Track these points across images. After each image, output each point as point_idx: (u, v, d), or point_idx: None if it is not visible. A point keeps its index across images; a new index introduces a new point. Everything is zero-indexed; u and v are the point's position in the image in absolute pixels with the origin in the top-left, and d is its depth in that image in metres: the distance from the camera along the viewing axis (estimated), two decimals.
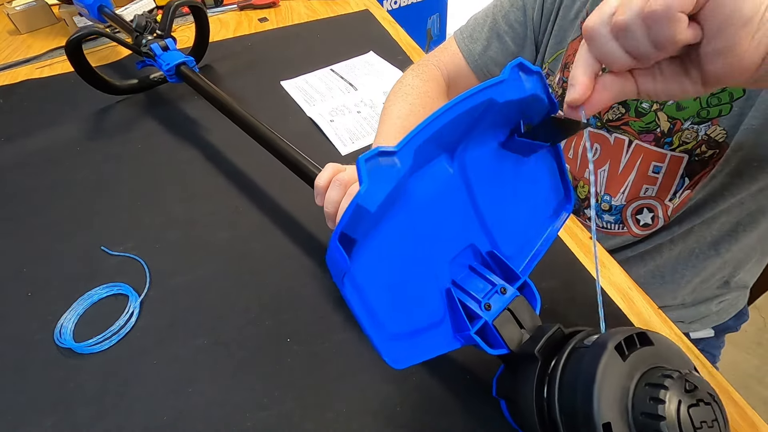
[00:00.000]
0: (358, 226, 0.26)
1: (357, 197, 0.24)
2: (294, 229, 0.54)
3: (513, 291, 0.33)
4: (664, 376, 0.24)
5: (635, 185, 0.58)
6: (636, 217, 0.60)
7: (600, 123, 0.58)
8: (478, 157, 0.34)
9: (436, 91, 0.61)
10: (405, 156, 0.26)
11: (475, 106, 0.28)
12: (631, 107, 0.54)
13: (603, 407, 0.24)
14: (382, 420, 0.37)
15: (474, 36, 0.64)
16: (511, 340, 0.32)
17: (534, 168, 0.37)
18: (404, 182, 0.28)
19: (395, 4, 1.76)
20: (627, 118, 0.55)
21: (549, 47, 0.61)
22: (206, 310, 0.46)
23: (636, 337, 0.27)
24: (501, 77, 0.28)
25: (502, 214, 0.36)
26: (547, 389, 0.28)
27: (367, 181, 0.24)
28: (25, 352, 0.43)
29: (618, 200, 0.60)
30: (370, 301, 0.28)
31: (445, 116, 0.26)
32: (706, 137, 0.49)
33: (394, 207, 0.29)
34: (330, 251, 0.26)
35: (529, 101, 0.31)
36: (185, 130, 0.70)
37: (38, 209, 0.58)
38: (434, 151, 0.31)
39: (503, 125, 0.34)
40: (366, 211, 0.25)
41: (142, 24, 0.72)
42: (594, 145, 0.60)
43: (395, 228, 0.30)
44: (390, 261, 0.30)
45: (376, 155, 0.25)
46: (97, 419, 0.38)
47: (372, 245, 0.28)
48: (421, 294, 0.32)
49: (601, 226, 0.64)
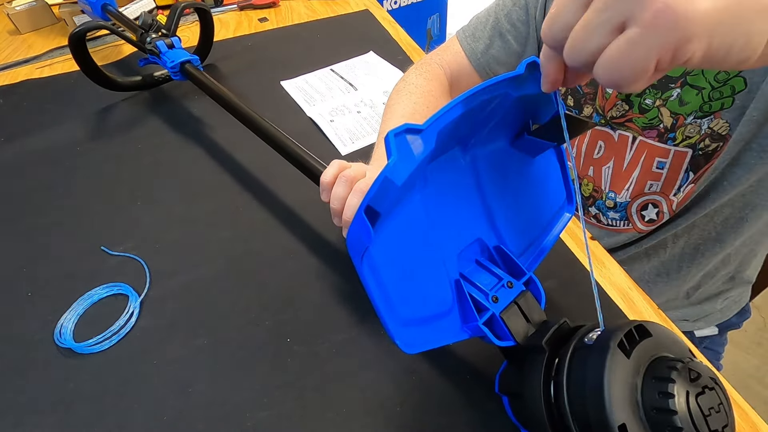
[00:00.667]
0: (383, 200, 0.26)
1: (386, 170, 0.25)
2: (295, 228, 0.53)
3: (519, 286, 0.34)
4: (669, 368, 0.24)
5: (640, 181, 0.58)
6: (641, 213, 0.60)
7: (604, 120, 0.58)
8: (488, 153, 0.34)
9: (439, 90, 0.60)
10: (429, 136, 0.26)
11: (491, 98, 0.28)
12: (634, 104, 0.54)
13: (615, 409, 0.24)
14: (382, 420, 0.37)
15: (476, 35, 0.64)
16: (518, 333, 0.32)
17: (538, 169, 0.38)
18: (424, 166, 0.29)
19: (395, 4, 1.76)
20: (631, 114, 0.55)
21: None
22: (206, 310, 0.46)
23: (635, 331, 0.27)
24: (516, 72, 0.29)
25: (508, 211, 0.37)
26: (554, 393, 0.28)
27: (396, 155, 0.25)
28: (25, 352, 0.43)
29: (623, 197, 0.61)
30: (384, 284, 0.29)
31: (465, 103, 0.27)
32: (710, 131, 0.50)
33: (412, 190, 0.30)
34: (354, 224, 0.26)
35: (539, 99, 0.31)
36: (188, 128, 0.70)
37: (38, 209, 0.58)
38: (450, 142, 0.32)
39: (512, 123, 0.34)
40: (393, 184, 0.25)
41: (149, 22, 0.73)
42: (598, 142, 0.60)
43: (412, 212, 0.30)
44: (405, 245, 0.30)
45: (404, 131, 0.25)
46: (97, 419, 0.38)
47: (391, 224, 0.29)
48: (432, 283, 0.32)
49: (606, 223, 0.64)
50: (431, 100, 0.58)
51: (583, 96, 0.59)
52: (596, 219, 0.66)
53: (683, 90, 0.50)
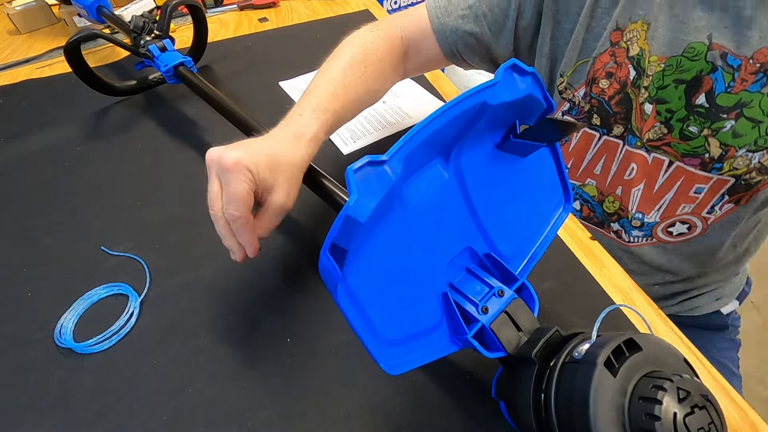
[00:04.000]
0: (348, 237, 0.25)
1: (346, 208, 0.24)
2: (294, 228, 0.53)
3: (510, 293, 0.33)
4: (656, 388, 0.24)
5: (672, 204, 0.56)
6: (668, 230, 0.59)
7: (640, 143, 0.54)
8: (474, 159, 0.33)
9: (385, 51, 0.55)
10: (395, 164, 0.25)
11: (468, 109, 0.28)
12: (674, 129, 0.51)
13: (601, 430, 0.24)
14: (381, 420, 0.37)
15: (448, 9, 0.57)
16: (509, 343, 0.32)
17: (531, 168, 0.37)
18: (397, 188, 0.28)
19: (395, 4, 1.76)
20: (669, 138, 0.52)
21: (566, 58, 0.55)
22: (206, 310, 0.46)
23: (624, 346, 0.26)
24: (494, 79, 0.28)
25: (499, 216, 0.36)
26: (544, 405, 0.28)
27: (356, 192, 0.24)
28: (25, 352, 0.43)
29: (651, 217, 0.59)
30: (365, 308, 0.28)
31: (435, 122, 0.26)
32: (759, 165, 0.49)
33: (388, 214, 0.29)
34: (321, 262, 0.26)
35: (524, 102, 0.30)
36: (184, 131, 0.70)
37: (38, 209, 0.58)
38: (428, 155, 0.31)
39: (499, 126, 0.33)
40: (356, 221, 0.24)
41: (140, 25, 0.72)
42: (631, 164, 0.57)
43: (390, 234, 0.29)
44: (385, 268, 0.30)
45: (365, 165, 0.24)
46: (97, 419, 0.38)
47: (366, 253, 0.28)
48: (418, 298, 0.32)
49: (627, 240, 0.62)
50: (373, 59, 0.53)
51: (612, 115, 0.55)
52: (617, 235, 0.63)
53: (738, 122, 0.47)
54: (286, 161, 0.40)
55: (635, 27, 0.50)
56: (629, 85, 0.52)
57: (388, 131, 0.68)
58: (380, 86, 0.56)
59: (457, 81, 1.64)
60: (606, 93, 0.54)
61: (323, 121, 0.44)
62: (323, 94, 0.47)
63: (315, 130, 0.43)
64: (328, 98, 0.46)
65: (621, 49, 0.51)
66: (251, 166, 0.38)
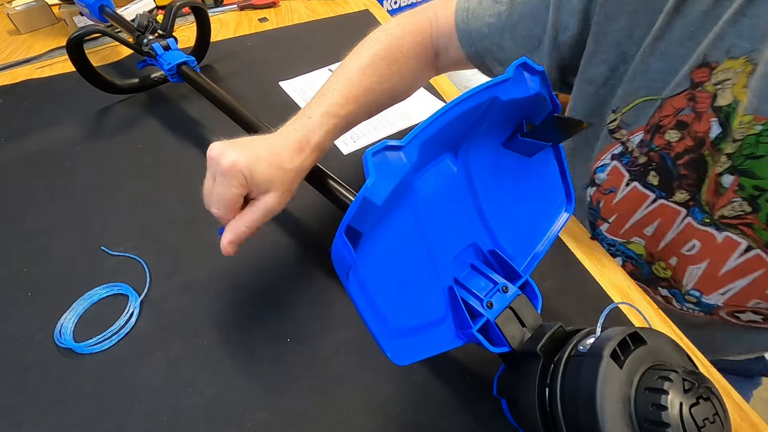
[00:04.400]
0: (363, 220, 0.26)
1: (364, 190, 0.24)
2: (294, 228, 0.54)
3: (515, 290, 0.34)
4: (662, 379, 0.24)
5: (743, 294, 0.44)
6: (735, 314, 0.47)
7: (709, 219, 0.42)
8: (482, 156, 0.34)
9: (412, 47, 0.49)
10: (411, 151, 0.26)
11: (479, 104, 0.28)
12: (762, 209, 0.38)
13: (608, 421, 0.24)
14: (382, 420, 0.37)
15: (477, 13, 0.49)
16: (513, 338, 0.32)
17: (536, 168, 0.37)
18: (409, 178, 0.28)
19: (395, 4, 1.76)
20: (751, 219, 0.39)
21: (622, 92, 0.43)
22: (206, 310, 0.46)
23: (629, 339, 0.27)
24: (505, 75, 0.29)
25: (504, 213, 0.36)
26: (549, 400, 0.28)
27: (374, 175, 0.25)
28: (25, 352, 0.43)
29: (713, 299, 0.47)
30: (373, 297, 0.28)
31: (451, 112, 0.27)
32: None
33: (399, 203, 0.29)
34: (336, 245, 0.26)
35: (532, 101, 0.31)
36: (185, 130, 0.70)
37: (38, 209, 0.58)
38: (438, 149, 0.31)
39: (506, 124, 0.34)
40: (372, 204, 0.25)
41: (144, 23, 0.72)
42: (692, 240, 0.45)
43: (399, 224, 0.30)
44: (394, 257, 0.30)
45: (383, 149, 0.25)
46: (97, 419, 0.38)
47: (377, 240, 0.29)
48: (424, 291, 0.32)
49: (678, 308, 0.51)
50: (398, 56, 0.48)
51: (677, 178, 0.43)
52: (665, 300, 0.52)
53: None
54: (285, 169, 0.39)
55: (733, 66, 0.36)
56: (707, 145, 0.39)
57: (389, 131, 0.68)
58: (406, 86, 0.51)
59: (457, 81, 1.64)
60: (673, 149, 0.42)
61: (331, 126, 0.42)
62: (336, 98, 0.44)
63: (320, 138, 0.42)
64: (340, 102, 0.44)
65: (705, 93, 0.38)
66: (246, 171, 0.37)
